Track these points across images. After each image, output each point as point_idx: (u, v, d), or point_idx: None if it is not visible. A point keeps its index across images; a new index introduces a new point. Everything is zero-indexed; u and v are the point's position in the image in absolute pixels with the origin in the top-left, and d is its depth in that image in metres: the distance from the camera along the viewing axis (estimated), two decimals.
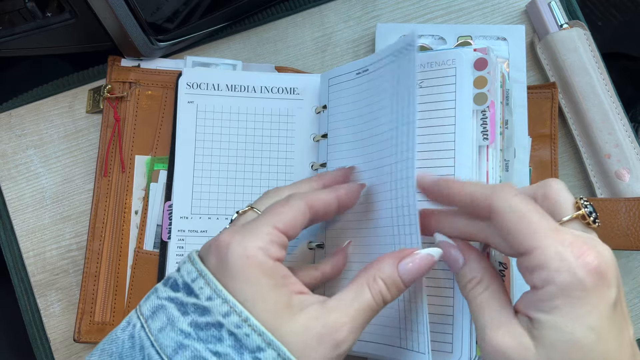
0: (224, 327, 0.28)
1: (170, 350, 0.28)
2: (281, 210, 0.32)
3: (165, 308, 0.29)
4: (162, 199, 0.47)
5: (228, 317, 0.28)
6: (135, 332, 0.29)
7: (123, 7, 0.44)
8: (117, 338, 0.30)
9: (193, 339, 0.28)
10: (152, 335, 0.29)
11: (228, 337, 0.28)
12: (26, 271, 0.48)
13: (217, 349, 0.28)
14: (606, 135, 0.46)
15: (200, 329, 0.28)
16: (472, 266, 0.32)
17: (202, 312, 0.29)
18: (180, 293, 0.30)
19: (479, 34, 0.48)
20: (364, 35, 0.51)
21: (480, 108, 0.38)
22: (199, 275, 0.30)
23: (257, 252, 0.29)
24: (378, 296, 0.30)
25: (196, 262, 0.30)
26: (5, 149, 0.49)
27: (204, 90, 0.47)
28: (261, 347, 0.27)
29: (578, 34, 0.48)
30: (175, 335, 0.28)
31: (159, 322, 0.29)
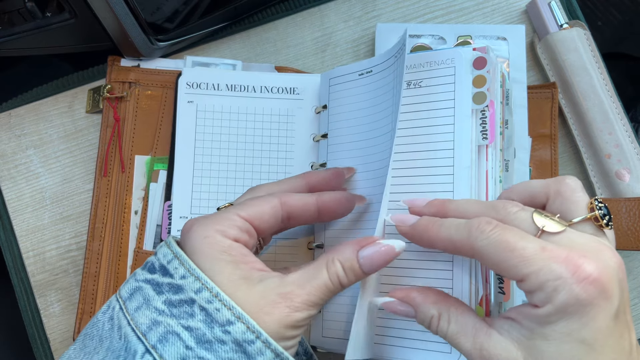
0: (195, 302, 0.29)
1: (145, 327, 0.29)
2: (250, 202, 0.34)
3: (142, 289, 0.31)
4: (162, 199, 0.47)
5: (200, 293, 0.29)
6: (115, 314, 0.31)
7: (123, 7, 0.44)
8: (98, 321, 0.31)
9: (166, 315, 0.29)
10: (129, 314, 0.30)
11: (199, 312, 0.29)
12: (26, 271, 0.48)
13: (189, 323, 0.29)
14: (606, 136, 0.46)
15: (174, 306, 0.29)
16: (422, 310, 0.32)
17: (176, 291, 0.30)
18: (156, 274, 0.31)
19: (479, 34, 0.48)
20: (364, 35, 0.51)
21: (480, 107, 0.37)
22: (174, 257, 0.31)
23: (214, 233, 0.31)
24: (334, 277, 0.31)
25: (172, 245, 0.32)
26: (5, 149, 0.49)
27: (204, 90, 0.46)
28: (231, 321, 0.29)
29: (578, 34, 0.48)
30: (150, 313, 0.29)
31: (136, 302, 0.30)
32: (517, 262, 0.27)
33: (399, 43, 0.38)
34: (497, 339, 0.29)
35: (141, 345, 0.29)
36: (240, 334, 0.28)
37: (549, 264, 0.27)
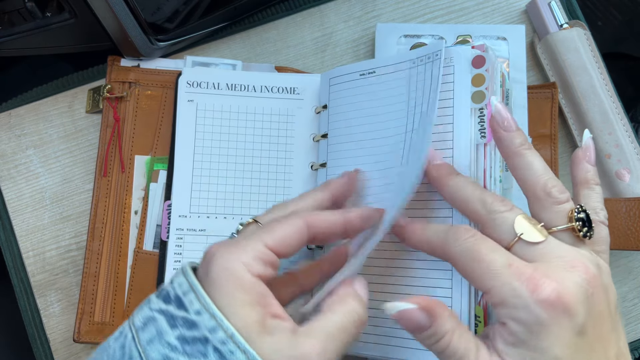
0: (209, 342, 0.28)
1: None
2: (276, 226, 0.32)
3: (156, 320, 0.29)
4: (161, 199, 0.47)
5: (214, 333, 0.28)
6: (127, 343, 0.29)
7: (123, 7, 0.44)
8: (109, 347, 0.30)
9: (179, 352, 0.28)
10: (141, 346, 0.29)
11: (213, 353, 0.28)
12: (26, 271, 0.48)
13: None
14: (606, 136, 0.46)
15: (187, 343, 0.28)
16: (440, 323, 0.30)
17: (190, 326, 0.29)
18: (171, 305, 0.30)
19: (479, 34, 0.48)
20: (364, 35, 0.51)
21: (478, 106, 0.37)
22: (190, 289, 0.30)
23: (237, 265, 0.29)
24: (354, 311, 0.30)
25: (188, 275, 0.30)
26: (5, 149, 0.49)
27: (204, 89, 0.46)
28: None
29: (578, 34, 0.48)
30: (162, 348, 0.28)
31: (148, 334, 0.29)
32: (482, 273, 0.29)
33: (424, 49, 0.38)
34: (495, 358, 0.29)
35: None
36: None
37: (511, 281, 0.28)
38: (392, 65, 0.41)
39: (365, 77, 0.42)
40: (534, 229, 0.30)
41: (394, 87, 0.40)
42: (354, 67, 0.43)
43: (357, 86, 0.42)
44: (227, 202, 0.45)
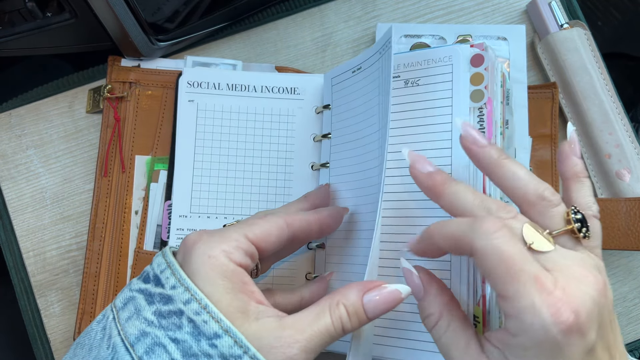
0: (184, 314, 0.29)
1: (134, 338, 0.29)
2: (256, 221, 0.33)
3: (135, 299, 0.30)
4: (162, 199, 0.47)
5: (188, 305, 0.29)
6: (107, 324, 0.30)
7: (123, 7, 0.44)
8: (92, 330, 0.31)
9: (155, 326, 0.29)
10: (120, 324, 0.30)
11: (187, 324, 0.28)
12: (26, 271, 0.48)
13: (176, 335, 0.28)
14: (607, 135, 0.46)
15: (163, 317, 0.29)
16: (429, 300, 0.31)
17: (166, 301, 0.29)
18: (150, 284, 0.31)
19: (479, 34, 0.48)
20: (364, 35, 0.51)
21: (477, 105, 0.37)
22: (167, 267, 0.30)
23: (219, 253, 0.30)
24: (338, 322, 0.30)
25: (167, 255, 0.31)
26: (5, 149, 0.49)
27: (205, 89, 0.46)
28: (218, 334, 0.28)
29: (578, 34, 0.48)
30: (139, 324, 0.29)
31: (127, 313, 0.30)
32: (507, 279, 0.27)
33: (383, 39, 0.37)
34: None
35: (128, 356, 0.28)
36: (227, 348, 0.28)
37: (533, 297, 0.26)
38: (368, 60, 0.40)
39: (355, 74, 0.42)
40: (542, 237, 0.28)
41: (371, 82, 0.40)
42: (348, 64, 0.43)
43: (351, 84, 0.42)
44: (227, 202, 0.45)
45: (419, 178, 0.33)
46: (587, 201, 0.32)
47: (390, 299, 0.31)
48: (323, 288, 0.40)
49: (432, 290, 0.31)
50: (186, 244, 0.31)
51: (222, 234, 0.31)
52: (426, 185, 0.32)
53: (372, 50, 0.39)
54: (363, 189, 0.40)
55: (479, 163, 0.32)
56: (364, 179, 0.40)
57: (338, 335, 0.30)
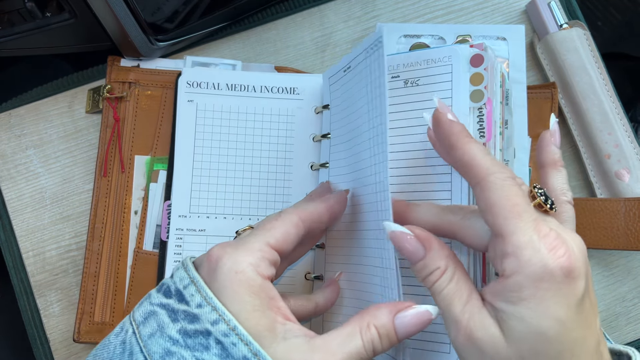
0: (211, 335, 0.28)
1: (158, 357, 0.28)
2: (273, 224, 0.32)
3: (157, 314, 0.29)
4: (161, 199, 0.47)
5: (216, 325, 0.28)
6: (127, 338, 0.29)
7: (122, 7, 0.44)
8: (110, 343, 0.30)
9: (181, 346, 0.28)
10: (142, 341, 0.29)
11: (215, 346, 0.28)
12: (25, 271, 0.48)
13: (204, 357, 0.27)
14: (606, 136, 0.46)
15: (189, 336, 0.28)
16: (433, 255, 0.30)
17: (191, 320, 0.28)
18: (172, 299, 0.30)
19: (479, 34, 0.48)
20: (363, 35, 0.51)
21: (477, 105, 0.37)
22: (191, 282, 0.29)
23: (246, 267, 0.29)
24: (369, 344, 0.29)
25: (189, 269, 0.30)
26: (5, 149, 0.49)
27: (204, 89, 0.47)
28: (247, 357, 0.27)
29: (578, 34, 0.48)
30: (164, 342, 0.28)
31: (150, 328, 0.29)
32: (509, 214, 0.28)
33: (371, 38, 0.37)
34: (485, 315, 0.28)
35: None
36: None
37: (532, 234, 0.27)
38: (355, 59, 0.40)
39: (347, 73, 0.41)
40: None
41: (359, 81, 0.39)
42: (340, 63, 0.42)
43: (344, 83, 0.42)
44: (226, 202, 0.45)
45: (441, 121, 0.32)
46: (563, 187, 0.33)
47: (421, 319, 0.30)
48: (336, 292, 0.40)
49: (433, 244, 0.31)
50: (210, 258, 0.30)
51: (245, 246, 0.30)
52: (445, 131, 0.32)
53: (358, 49, 0.39)
54: (361, 188, 0.40)
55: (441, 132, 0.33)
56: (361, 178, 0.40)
57: (368, 357, 0.30)
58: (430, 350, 0.36)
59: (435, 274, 0.30)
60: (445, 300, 0.30)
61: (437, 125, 0.33)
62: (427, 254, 0.30)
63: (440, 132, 0.33)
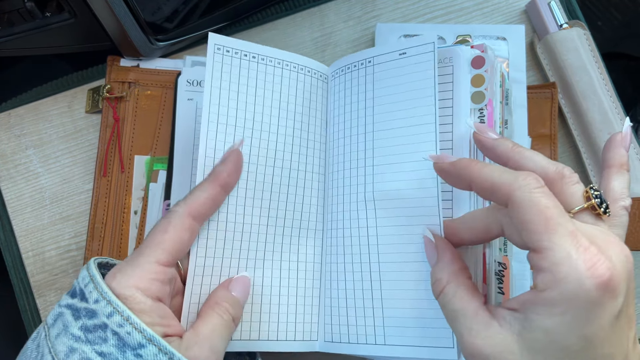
0: (108, 327, 0.29)
1: (63, 355, 0.29)
2: (162, 237, 0.33)
3: (63, 315, 0.31)
4: (161, 199, 0.47)
5: (111, 318, 0.29)
6: (40, 341, 0.31)
7: (122, 7, 0.44)
8: (27, 348, 0.32)
9: (82, 341, 0.29)
10: (51, 342, 0.30)
11: (112, 337, 0.29)
12: (25, 271, 0.48)
13: (102, 349, 0.29)
14: (606, 135, 0.46)
15: (89, 331, 0.30)
16: (440, 267, 0.32)
17: (91, 315, 0.30)
18: (76, 299, 0.31)
19: (479, 34, 0.48)
20: (363, 35, 0.51)
21: (478, 107, 0.37)
22: (90, 280, 0.31)
23: (134, 292, 0.31)
24: (227, 314, 0.34)
25: (90, 268, 0.32)
26: (5, 149, 0.49)
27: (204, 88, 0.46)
28: (142, 344, 0.29)
29: (578, 34, 0.48)
30: (67, 340, 0.30)
31: (57, 329, 0.31)
32: (544, 230, 0.27)
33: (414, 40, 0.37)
34: (495, 331, 0.28)
35: None
36: (152, 356, 0.29)
37: (570, 249, 0.26)
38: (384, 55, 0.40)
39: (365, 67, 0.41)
40: None
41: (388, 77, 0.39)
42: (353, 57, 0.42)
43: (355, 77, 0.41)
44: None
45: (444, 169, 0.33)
46: (623, 192, 0.32)
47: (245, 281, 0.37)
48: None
49: (444, 257, 0.32)
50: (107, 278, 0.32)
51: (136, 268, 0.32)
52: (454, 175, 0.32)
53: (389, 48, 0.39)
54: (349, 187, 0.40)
55: (495, 153, 0.33)
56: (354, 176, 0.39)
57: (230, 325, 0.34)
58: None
59: (438, 285, 0.32)
60: (450, 315, 0.30)
61: (442, 172, 0.33)
62: (436, 263, 0.33)
63: (448, 178, 0.33)
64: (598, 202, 0.29)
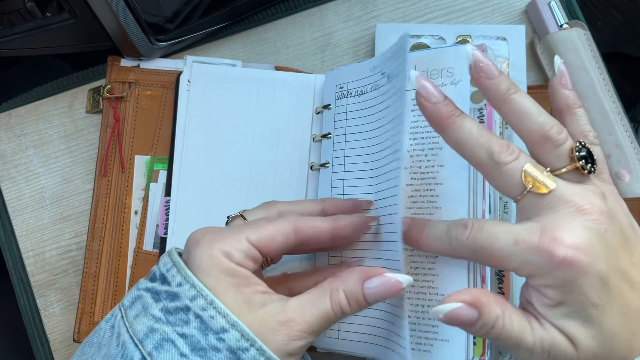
0: (190, 310, 0.29)
1: (142, 335, 0.29)
2: (262, 225, 0.32)
3: (142, 297, 0.31)
4: (161, 199, 0.47)
5: (195, 301, 0.29)
6: (116, 322, 0.31)
7: (123, 7, 0.44)
8: (100, 329, 0.32)
9: (163, 322, 0.29)
10: (128, 322, 0.30)
11: (194, 320, 0.29)
12: (25, 271, 0.48)
13: (184, 331, 0.29)
14: (606, 136, 0.46)
15: (170, 313, 0.29)
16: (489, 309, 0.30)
17: (172, 298, 0.30)
18: (156, 283, 0.31)
19: (479, 34, 0.48)
20: (363, 35, 0.51)
21: (477, 106, 0.37)
22: (173, 265, 0.31)
23: (219, 254, 0.30)
24: (337, 307, 0.31)
25: (172, 255, 0.32)
26: (5, 149, 0.49)
27: None
28: (225, 328, 0.29)
29: (578, 34, 0.48)
30: (147, 321, 0.30)
31: (135, 310, 0.31)
32: (499, 263, 0.30)
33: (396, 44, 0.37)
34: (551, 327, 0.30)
35: (138, 352, 0.29)
36: (235, 341, 0.28)
37: (526, 258, 0.29)
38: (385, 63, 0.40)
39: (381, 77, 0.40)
40: (542, 177, 0.30)
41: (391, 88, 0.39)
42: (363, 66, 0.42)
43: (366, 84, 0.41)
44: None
45: (426, 108, 0.32)
46: (583, 130, 0.33)
47: (390, 287, 0.31)
48: None
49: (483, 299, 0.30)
50: (190, 241, 0.32)
51: (224, 234, 0.31)
52: (431, 118, 0.32)
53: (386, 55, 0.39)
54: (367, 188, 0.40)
55: (487, 96, 0.33)
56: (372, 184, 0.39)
57: (338, 318, 0.31)
58: (429, 351, 0.36)
59: (499, 323, 0.30)
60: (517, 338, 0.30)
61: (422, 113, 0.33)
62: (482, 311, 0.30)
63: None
64: (582, 163, 0.30)
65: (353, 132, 0.42)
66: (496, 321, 0.29)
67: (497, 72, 0.32)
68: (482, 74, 0.32)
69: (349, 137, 0.42)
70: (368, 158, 0.40)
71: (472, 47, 0.32)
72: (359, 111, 0.42)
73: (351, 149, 0.42)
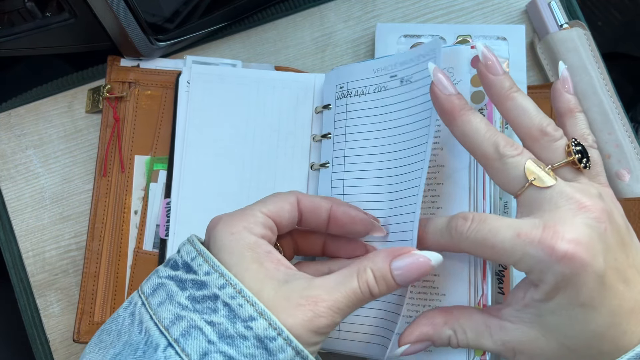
0: (219, 298, 0.29)
1: (168, 322, 0.29)
2: (269, 199, 0.34)
3: (165, 285, 0.31)
4: (161, 199, 0.47)
5: (223, 289, 0.29)
6: (136, 310, 0.31)
7: (122, 7, 0.44)
8: (119, 316, 0.31)
9: (190, 310, 0.29)
10: (152, 309, 0.30)
11: (222, 308, 0.29)
12: (25, 271, 0.48)
13: (212, 318, 0.29)
14: (606, 136, 0.46)
15: (197, 301, 0.29)
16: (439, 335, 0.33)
17: (199, 287, 0.30)
18: (180, 271, 0.31)
19: (479, 34, 0.48)
20: (363, 35, 0.51)
21: (478, 106, 0.37)
22: (198, 254, 0.31)
23: (240, 229, 0.31)
24: (365, 286, 0.30)
25: (195, 243, 0.32)
26: (5, 149, 0.49)
27: None
28: (253, 317, 0.29)
29: (578, 34, 0.48)
30: (173, 308, 0.29)
31: (159, 298, 0.30)
32: (500, 256, 0.30)
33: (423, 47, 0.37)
34: (512, 328, 0.31)
35: (163, 339, 0.29)
36: (262, 330, 0.28)
37: (527, 251, 0.29)
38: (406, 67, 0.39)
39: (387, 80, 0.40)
40: (543, 173, 0.31)
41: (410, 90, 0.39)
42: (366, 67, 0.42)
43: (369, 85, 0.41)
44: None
45: (439, 98, 0.34)
46: (582, 133, 0.34)
47: (420, 266, 0.31)
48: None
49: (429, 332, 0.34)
50: (209, 227, 0.33)
51: (240, 213, 0.33)
52: (443, 108, 0.34)
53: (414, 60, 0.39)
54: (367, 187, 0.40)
55: (490, 91, 0.34)
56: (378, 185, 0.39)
57: (366, 299, 0.31)
58: (429, 351, 0.36)
59: (453, 340, 0.33)
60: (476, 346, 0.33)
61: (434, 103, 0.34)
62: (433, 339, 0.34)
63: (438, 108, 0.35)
64: (578, 157, 0.31)
65: (353, 132, 0.42)
66: (450, 339, 0.33)
67: (502, 70, 0.33)
68: (489, 70, 0.33)
69: (349, 137, 0.42)
70: (369, 158, 0.40)
71: (482, 44, 0.34)
72: (360, 111, 0.42)
73: (351, 149, 0.42)
